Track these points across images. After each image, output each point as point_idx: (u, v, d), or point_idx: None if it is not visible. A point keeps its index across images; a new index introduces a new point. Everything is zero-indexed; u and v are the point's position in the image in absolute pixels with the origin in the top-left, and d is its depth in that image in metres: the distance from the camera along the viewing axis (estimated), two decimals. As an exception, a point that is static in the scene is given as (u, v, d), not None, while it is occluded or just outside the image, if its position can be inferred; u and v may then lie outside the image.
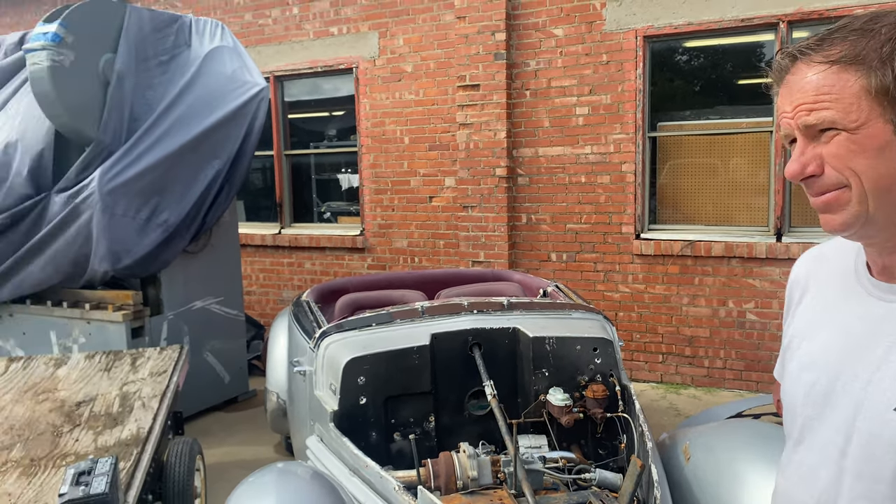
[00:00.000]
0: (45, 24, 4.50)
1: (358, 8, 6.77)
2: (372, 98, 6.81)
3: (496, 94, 6.06)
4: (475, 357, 2.95)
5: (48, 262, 4.85)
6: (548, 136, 6.03)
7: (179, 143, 4.82)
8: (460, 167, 6.31)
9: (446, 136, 6.48)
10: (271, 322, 7.36)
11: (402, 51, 6.60)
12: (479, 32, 6.08)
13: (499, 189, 6.14)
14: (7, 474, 2.94)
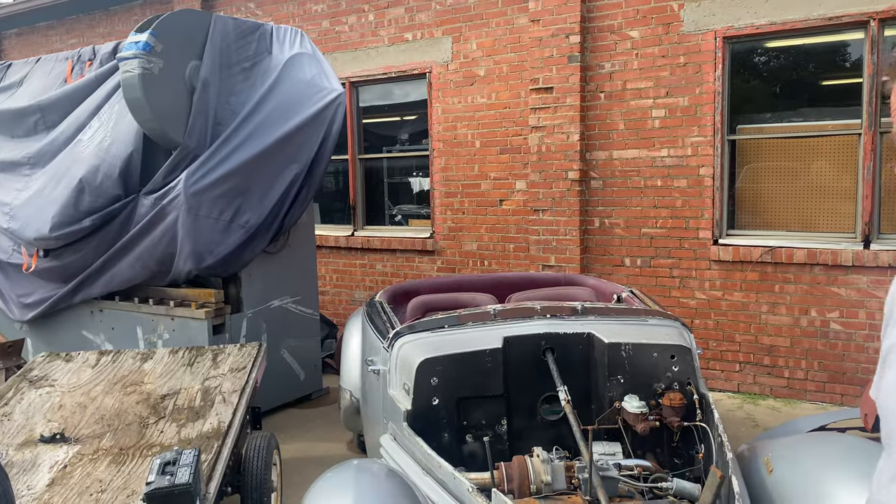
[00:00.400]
0: (137, 33, 4.73)
1: (432, 14, 6.84)
2: (444, 102, 6.86)
3: (570, 96, 6.02)
4: (548, 362, 2.94)
5: (136, 260, 5.08)
6: (622, 138, 5.95)
7: (260, 148, 4.97)
8: (532, 170, 6.29)
9: (518, 140, 6.48)
10: (344, 321, 7.51)
11: (475, 55, 6.63)
12: (553, 35, 6.05)
13: (571, 192, 6.09)
14: (98, 462, 3.09)
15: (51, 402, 3.72)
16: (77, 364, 4.23)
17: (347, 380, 4.43)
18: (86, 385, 3.92)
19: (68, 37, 10.12)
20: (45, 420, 3.49)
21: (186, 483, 2.53)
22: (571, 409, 2.72)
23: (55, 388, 3.90)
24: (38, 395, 3.80)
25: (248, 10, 8.11)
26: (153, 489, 2.51)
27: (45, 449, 3.20)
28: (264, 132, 5.04)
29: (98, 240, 5.22)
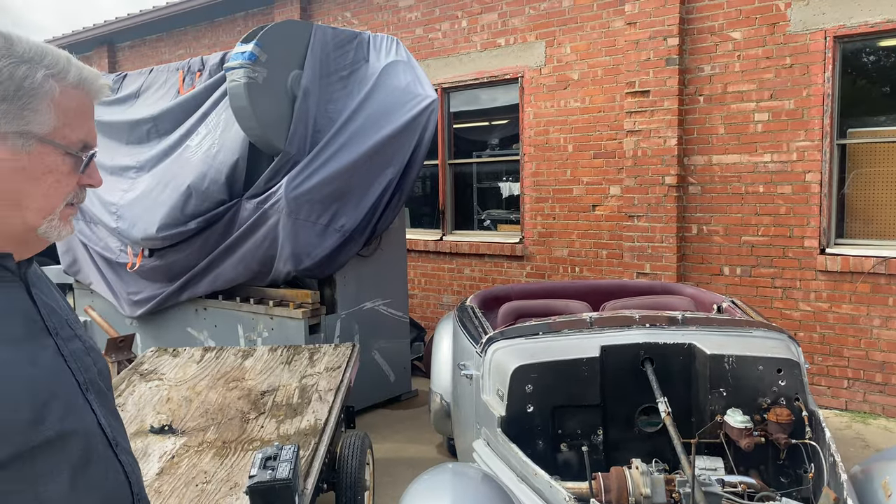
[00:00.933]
0: (243, 44, 4.93)
1: (525, 18, 6.82)
2: (536, 107, 6.82)
3: (667, 100, 5.87)
4: (647, 372, 2.87)
5: (239, 261, 5.29)
6: (722, 143, 5.75)
7: (357, 154, 5.09)
8: (627, 175, 6.17)
9: (612, 144, 6.36)
10: (431, 325, 7.57)
11: (569, 59, 6.57)
12: (650, 38, 5.92)
13: (668, 198, 5.93)
14: (203, 454, 3.23)
15: (159, 395, 3.91)
16: (183, 359, 4.44)
17: (438, 383, 4.46)
18: (191, 380, 4.11)
19: (176, 48, 10.67)
20: (154, 412, 3.68)
21: (287, 478, 2.60)
22: (672, 422, 2.65)
23: (163, 381, 4.11)
24: (148, 388, 4.01)
25: (345, 19, 8.33)
26: (255, 483, 2.58)
27: (155, 439, 3.36)
28: (360, 139, 5.16)
29: (201, 241, 5.47)
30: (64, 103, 1.04)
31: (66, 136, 1.05)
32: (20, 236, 1.06)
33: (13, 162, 1.00)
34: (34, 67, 1.01)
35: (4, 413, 0.94)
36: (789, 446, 2.70)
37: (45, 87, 1.02)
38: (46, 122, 1.02)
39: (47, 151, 1.03)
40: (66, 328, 1.13)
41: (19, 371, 0.98)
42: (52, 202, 1.05)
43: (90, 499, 1.06)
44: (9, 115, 0.99)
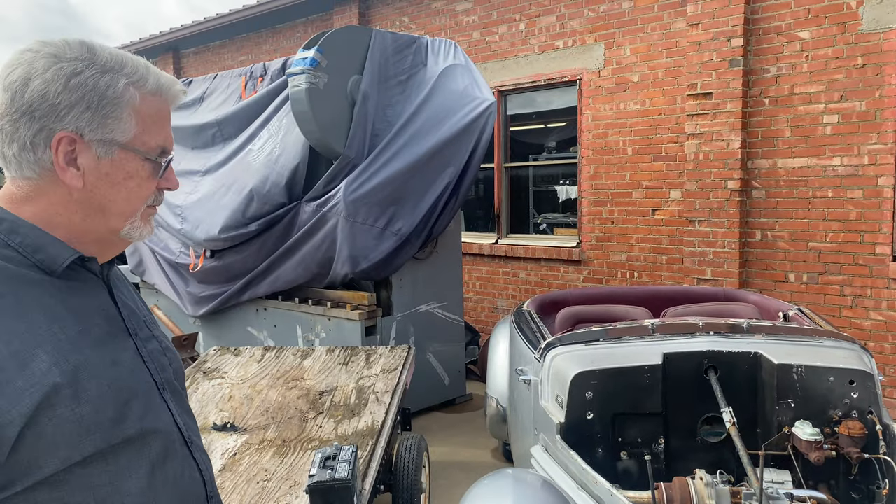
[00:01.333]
0: (305, 50, 5.02)
1: (585, 20, 6.76)
2: (595, 109, 6.75)
3: (730, 102, 5.73)
4: (711, 381, 2.80)
5: (299, 263, 5.39)
6: (789, 146, 5.58)
7: (414, 158, 5.13)
8: (688, 179, 6.04)
9: (673, 147, 6.24)
10: (486, 328, 7.56)
11: (629, 61, 6.47)
12: (713, 39, 5.79)
13: (730, 203, 5.79)
14: (264, 452, 3.29)
15: (222, 392, 4.00)
16: (244, 358, 4.54)
17: (494, 387, 4.45)
18: (252, 378, 4.20)
19: (238, 54, 10.93)
20: (217, 409, 3.76)
21: (346, 478, 2.62)
22: (737, 432, 2.58)
23: (225, 380, 4.20)
24: (210, 386, 4.11)
25: (402, 24, 8.40)
26: (315, 482, 2.61)
27: (218, 436, 3.44)
28: (418, 142, 5.19)
29: (260, 243, 5.59)
30: (143, 110, 1.08)
31: (146, 142, 1.08)
32: (104, 239, 1.10)
33: (97, 169, 1.04)
34: (116, 76, 1.04)
35: (89, 412, 0.97)
36: (861, 461, 2.60)
37: (127, 95, 1.05)
38: (128, 130, 1.05)
39: (128, 158, 1.06)
40: (144, 329, 1.16)
41: (103, 371, 1.01)
42: (133, 206, 1.09)
43: (167, 495, 1.08)
44: (93, 124, 1.02)
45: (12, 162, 1.03)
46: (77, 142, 1.02)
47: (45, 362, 0.94)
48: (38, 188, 1.04)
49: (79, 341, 1.00)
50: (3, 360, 0.91)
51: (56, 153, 1.01)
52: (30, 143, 1.01)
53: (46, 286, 1.01)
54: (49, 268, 1.02)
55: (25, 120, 1.00)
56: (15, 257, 1.00)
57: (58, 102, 1.00)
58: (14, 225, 1.02)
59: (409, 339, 5.62)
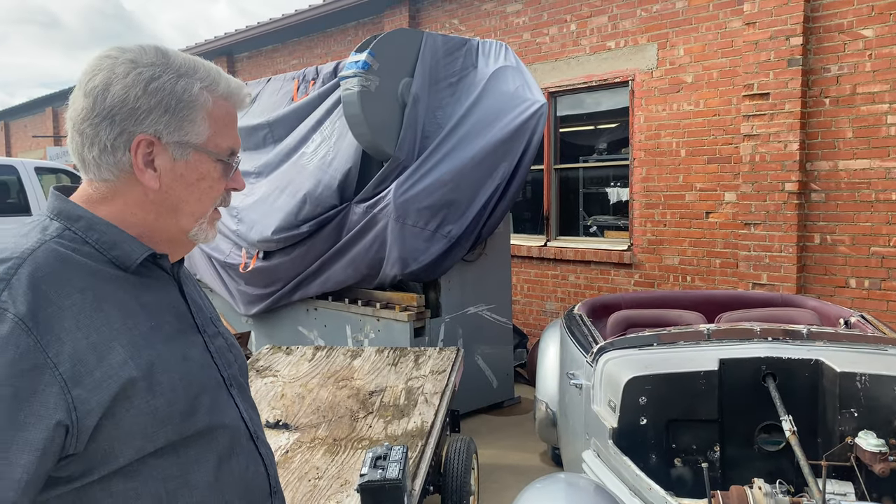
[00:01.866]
0: (357, 53, 5.08)
1: (637, 20, 6.67)
2: (647, 110, 6.65)
3: (788, 102, 5.58)
4: (769, 388, 2.73)
5: (349, 264, 5.44)
6: (850, 147, 5.41)
7: (464, 159, 5.13)
8: (743, 181, 5.90)
9: (728, 149, 6.11)
10: (534, 332, 7.51)
11: (683, 61, 6.36)
12: (770, 38, 5.65)
13: (788, 205, 5.63)
14: (315, 450, 3.33)
15: (274, 391, 4.07)
16: (296, 357, 4.60)
17: (543, 391, 4.41)
18: (303, 377, 4.25)
19: (290, 58, 11.11)
20: (269, 407, 3.83)
21: (397, 478, 2.63)
22: (797, 441, 2.50)
23: (278, 378, 4.27)
24: (263, 384, 4.18)
25: (452, 26, 8.42)
26: (366, 481, 2.63)
27: (270, 434, 3.49)
28: (468, 144, 5.19)
29: (309, 244, 5.66)
30: (215, 113, 1.11)
31: (218, 144, 1.12)
32: (174, 238, 1.13)
33: (172, 170, 1.08)
34: (191, 81, 1.08)
35: (163, 404, 1.00)
36: (930, 475, 2.49)
37: (201, 99, 1.09)
38: (202, 132, 1.09)
39: (202, 159, 1.10)
40: (211, 326, 1.19)
41: (175, 366, 1.04)
42: (204, 206, 1.13)
43: (233, 487, 1.11)
44: (170, 127, 1.06)
45: (91, 165, 1.06)
46: (155, 144, 1.06)
47: (120, 355, 0.97)
48: (115, 189, 1.07)
49: (151, 336, 1.03)
50: (82, 352, 0.94)
51: (135, 156, 1.05)
52: (110, 147, 1.04)
53: (121, 282, 1.04)
54: (123, 264, 1.05)
55: (106, 124, 1.03)
56: (92, 253, 1.03)
57: (137, 106, 1.03)
58: (91, 222, 1.05)
59: (458, 340, 5.62)
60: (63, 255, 1.00)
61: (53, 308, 0.94)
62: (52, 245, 1.00)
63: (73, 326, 0.94)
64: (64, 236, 1.02)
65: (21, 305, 0.91)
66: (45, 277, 0.95)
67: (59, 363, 0.91)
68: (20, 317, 0.90)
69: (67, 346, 0.93)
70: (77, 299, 0.96)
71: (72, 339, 0.93)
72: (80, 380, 0.92)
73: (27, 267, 0.95)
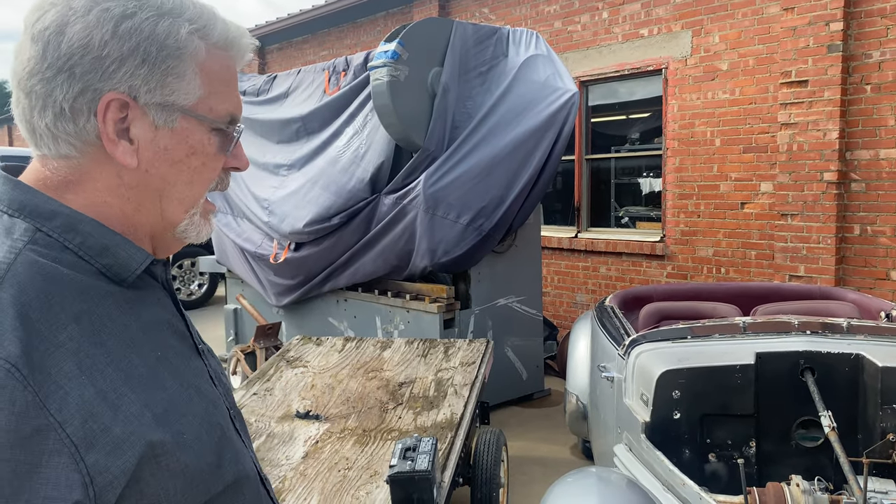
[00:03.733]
0: (386, 43, 5.05)
1: (671, 7, 6.54)
2: (681, 99, 6.53)
3: (828, 90, 5.43)
4: (808, 383, 2.66)
5: (378, 255, 5.44)
6: (893, 136, 5.25)
7: (494, 150, 5.09)
8: (780, 171, 5.77)
9: (764, 138, 5.98)
10: (564, 323, 7.45)
11: (718, 48, 6.23)
12: (809, 24, 5.50)
13: (826, 196, 5.49)
14: (345, 440, 3.34)
15: (304, 381, 4.09)
16: (326, 348, 4.62)
17: (574, 383, 4.37)
18: (333, 368, 4.27)
19: (320, 49, 11.14)
20: (299, 398, 3.85)
21: (426, 470, 2.63)
22: (837, 438, 2.44)
23: (308, 369, 4.29)
24: (293, 375, 4.20)
25: (482, 14, 8.35)
26: (396, 472, 2.63)
27: (300, 424, 3.51)
28: (498, 134, 5.15)
29: (339, 236, 5.67)
30: (210, 66, 0.84)
31: (214, 107, 0.85)
32: (158, 235, 0.87)
33: (154, 142, 0.81)
34: (177, 22, 0.81)
35: (192, 459, 0.78)
36: (977, 474, 2.41)
37: (191, 46, 0.82)
38: (192, 91, 0.82)
39: (192, 127, 0.83)
40: (201, 340, 0.95)
41: (194, 406, 0.82)
42: (196, 190, 0.87)
43: None
44: (150, 83, 0.79)
45: (45, 136, 0.79)
46: (130, 106, 0.79)
47: (135, 403, 0.74)
48: (80, 170, 0.80)
49: (161, 371, 0.80)
50: (92, 404, 0.70)
51: (103, 121, 0.78)
52: (68, 110, 0.77)
53: (116, 299, 0.79)
54: (118, 275, 0.81)
55: (63, 78, 0.77)
56: (77, 263, 0.77)
57: (105, 54, 0.77)
58: (71, 220, 0.78)
59: (487, 332, 5.60)
60: (46, 269, 0.74)
61: (47, 346, 0.69)
62: (30, 255, 0.74)
63: (75, 369, 0.70)
64: (37, 241, 0.76)
65: (10, 345, 0.67)
66: (31, 303, 0.71)
67: (64, 421, 0.67)
68: (12, 361, 0.66)
69: (73, 398, 0.69)
70: (73, 332, 0.72)
71: (76, 386, 0.70)
72: (93, 441, 0.69)
73: (8, 289, 0.70)
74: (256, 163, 6.46)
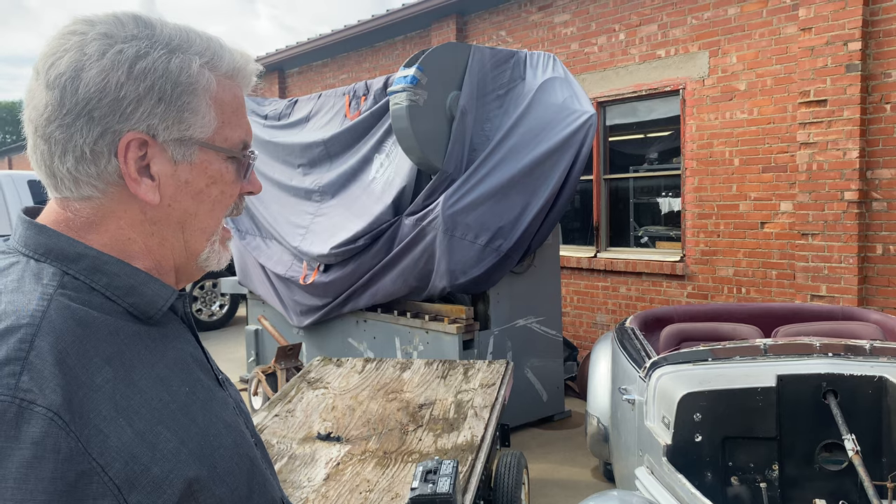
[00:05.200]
0: (406, 68, 5.13)
1: (687, 28, 6.58)
2: (699, 119, 6.55)
3: (847, 109, 5.42)
4: (831, 406, 2.64)
5: (398, 276, 5.48)
6: (913, 155, 5.22)
7: (512, 172, 5.13)
8: (800, 190, 5.75)
9: (783, 157, 5.97)
10: (584, 344, 7.43)
11: (735, 68, 6.25)
12: (827, 43, 5.50)
13: (848, 215, 5.46)
14: (366, 462, 3.35)
15: (325, 402, 4.11)
16: (346, 369, 4.65)
17: (595, 405, 4.36)
18: (354, 389, 4.29)
19: (339, 72, 11.28)
20: (320, 419, 3.87)
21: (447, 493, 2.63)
22: (861, 461, 2.42)
23: (328, 390, 4.32)
24: (314, 396, 4.23)
25: (500, 37, 8.43)
26: (417, 495, 2.63)
27: (322, 446, 3.53)
28: (516, 156, 5.19)
29: (362, 258, 5.72)
30: (221, 97, 0.87)
31: (228, 136, 0.87)
32: (181, 266, 0.89)
33: (174, 176, 0.83)
34: (187, 57, 0.83)
35: (226, 493, 0.80)
36: None
37: (203, 80, 0.84)
38: (208, 124, 0.85)
39: (210, 158, 0.86)
40: (219, 371, 0.95)
41: (224, 438, 0.83)
42: (216, 218, 0.89)
43: None
44: (167, 120, 0.81)
45: (66, 180, 0.80)
46: (149, 144, 0.81)
47: (171, 441, 0.76)
48: (102, 209, 0.82)
49: (191, 406, 0.81)
50: (131, 445, 0.72)
51: (125, 161, 0.80)
52: (89, 153, 0.79)
53: (143, 338, 0.81)
54: (145, 313, 0.82)
55: (82, 123, 0.78)
56: (105, 304, 0.79)
57: (122, 96, 0.79)
58: (97, 262, 0.80)
59: (507, 353, 5.60)
60: (78, 313, 0.76)
61: (86, 390, 0.71)
62: (62, 300, 0.76)
63: (112, 411, 0.71)
64: (66, 285, 0.78)
65: (52, 393, 0.68)
66: (68, 349, 0.72)
67: (107, 465, 0.69)
68: (54, 409, 0.67)
69: (113, 440, 0.70)
70: (108, 374, 0.73)
71: (115, 429, 0.71)
72: (135, 482, 0.71)
73: (46, 337, 0.71)
74: (283, 185, 6.55)
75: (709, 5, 6.40)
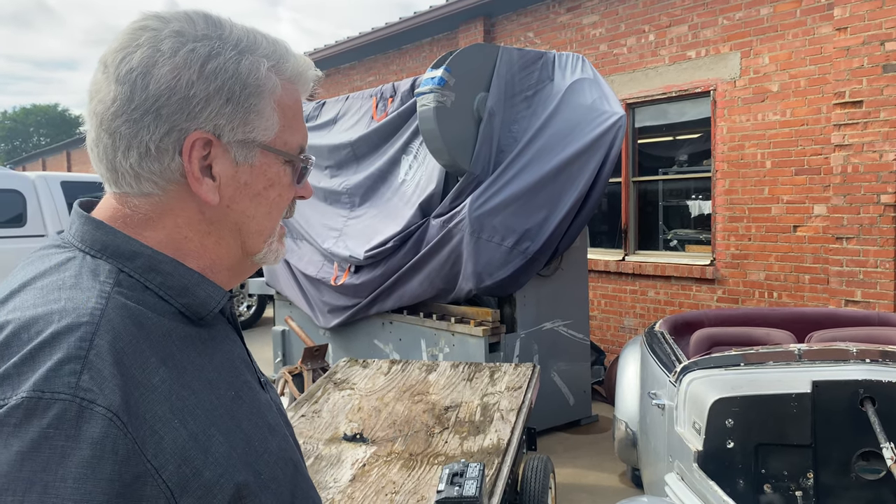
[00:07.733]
0: (433, 69, 5.12)
1: (719, 29, 6.49)
2: (730, 121, 6.45)
3: (884, 110, 5.30)
4: (868, 413, 2.58)
5: (425, 278, 5.47)
6: (953, 157, 5.09)
7: (540, 173, 5.09)
8: (834, 193, 5.64)
9: (817, 160, 5.85)
10: (611, 348, 7.36)
11: (768, 69, 6.14)
12: (864, 43, 5.39)
13: (884, 219, 5.34)
14: (391, 464, 3.34)
15: (351, 403, 4.11)
16: (372, 370, 4.65)
17: (623, 410, 4.31)
18: (380, 391, 4.28)
19: (367, 75, 11.33)
20: (346, 420, 3.87)
21: (474, 496, 2.61)
22: (900, 472, 2.35)
23: (354, 391, 4.32)
24: (341, 397, 4.23)
25: (527, 39, 8.40)
26: (443, 498, 2.62)
27: (348, 447, 3.53)
28: (544, 158, 5.15)
29: (391, 260, 5.73)
30: (284, 101, 0.86)
31: (287, 141, 0.87)
32: (236, 266, 0.89)
33: (235, 178, 0.83)
34: (256, 59, 0.83)
35: (270, 499, 0.79)
36: None
37: (269, 83, 0.84)
38: (271, 127, 0.85)
39: (269, 161, 0.86)
40: (261, 373, 0.94)
41: (269, 443, 0.82)
42: (273, 221, 0.89)
43: None
44: (234, 121, 0.81)
45: (127, 175, 0.80)
46: (213, 144, 0.81)
47: (223, 445, 0.75)
48: (161, 207, 0.82)
49: (237, 410, 0.80)
50: (185, 447, 0.71)
51: (189, 160, 0.80)
52: (154, 150, 0.79)
53: (193, 340, 0.80)
54: (197, 314, 0.82)
55: (150, 119, 0.78)
56: (158, 305, 0.78)
57: (191, 94, 0.78)
58: (152, 261, 0.80)
59: (533, 356, 5.56)
60: (135, 312, 0.75)
61: (143, 391, 0.70)
62: (119, 299, 0.75)
63: (168, 413, 0.71)
64: (121, 283, 0.77)
65: (112, 394, 0.67)
66: (126, 349, 0.71)
67: (161, 467, 0.68)
68: (113, 410, 0.67)
69: (167, 442, 0.70)
70: (164, 375, 0.73)
71: (170, 430, 0.70)
72: (186, 486, 0.70)
73: (105, 335, 0.70)
74: (316, 188, 6.59)
75: (741, 5, 6.30)
